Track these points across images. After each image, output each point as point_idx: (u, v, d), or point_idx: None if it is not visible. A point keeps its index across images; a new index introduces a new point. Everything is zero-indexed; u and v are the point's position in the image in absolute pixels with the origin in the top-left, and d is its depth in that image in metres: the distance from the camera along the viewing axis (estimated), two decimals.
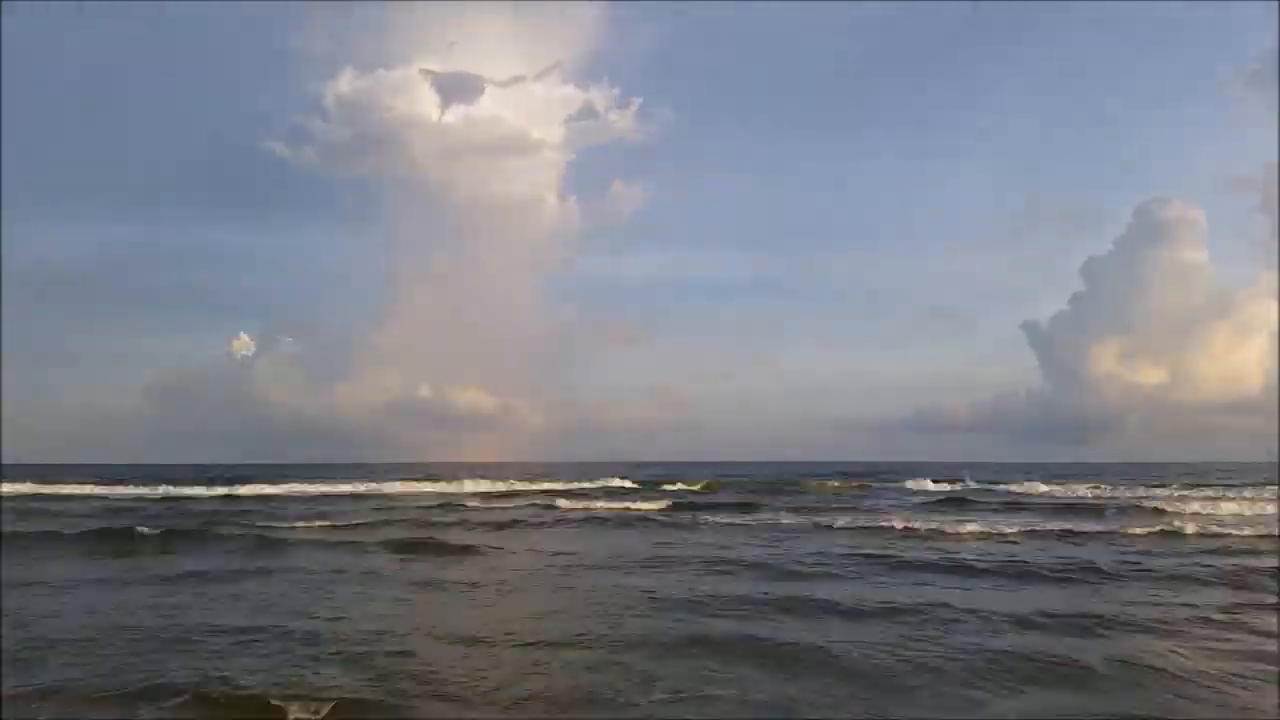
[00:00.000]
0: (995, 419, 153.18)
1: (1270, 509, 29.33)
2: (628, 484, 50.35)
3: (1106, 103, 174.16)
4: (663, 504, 34.52)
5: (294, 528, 24.34)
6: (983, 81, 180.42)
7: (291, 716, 7.24)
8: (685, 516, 28.76)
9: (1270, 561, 17.30)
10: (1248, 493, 39.48)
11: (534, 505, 34.74)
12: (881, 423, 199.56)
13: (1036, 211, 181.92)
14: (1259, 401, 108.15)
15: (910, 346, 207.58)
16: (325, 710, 7.36)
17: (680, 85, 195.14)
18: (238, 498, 40.46)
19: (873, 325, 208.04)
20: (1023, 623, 11.31)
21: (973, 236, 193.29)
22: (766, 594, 13.39)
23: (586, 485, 49.30)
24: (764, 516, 28.82)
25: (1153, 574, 15.72)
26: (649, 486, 48.18)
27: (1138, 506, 32.19)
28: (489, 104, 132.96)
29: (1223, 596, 13.46)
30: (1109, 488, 46.12)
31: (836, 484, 51.98)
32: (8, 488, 44.15)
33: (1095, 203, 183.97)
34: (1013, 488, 46.77)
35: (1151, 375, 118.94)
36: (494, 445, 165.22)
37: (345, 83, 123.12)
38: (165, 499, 40.03)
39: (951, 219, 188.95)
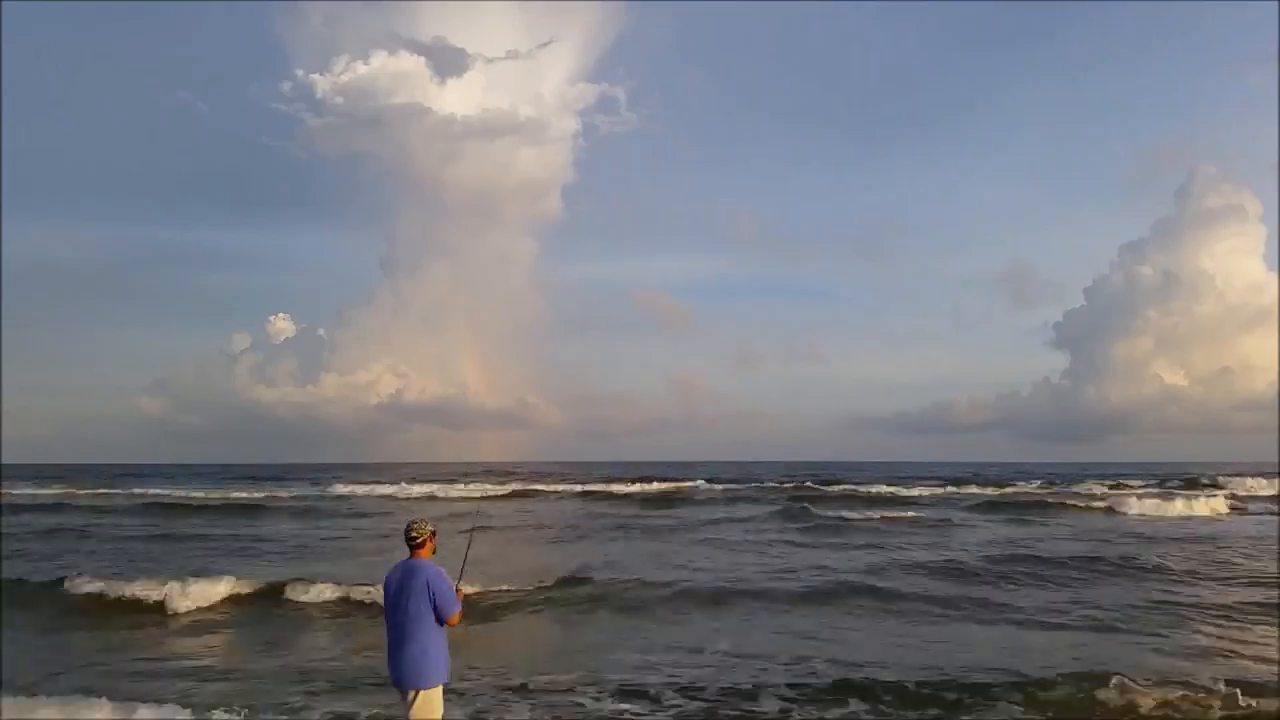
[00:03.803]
0: (1012, 418, 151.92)
1: None
2: None
3: (1113, 104, 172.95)
4: None
5: None
6: (1003, 78, 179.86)
7: None
8: None
9: None
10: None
11: None
12: (897, 422, 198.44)
13: (1059, 206, 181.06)
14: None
15: (924, 346, 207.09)
16: None
17: (692, 83, 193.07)
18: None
19: (887, 325, 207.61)
20: None
21: (991, 233, 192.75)
22: None
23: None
24: None
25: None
26: None
27: None
28: (490, 90, 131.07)
29: None
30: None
31: None
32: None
33: (1120, 197, 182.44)
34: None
35: (1177, 373, 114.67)
36: (514, 444, 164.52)
37: (340, 72, 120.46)
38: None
39: (968, 217, 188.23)
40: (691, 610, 13.23)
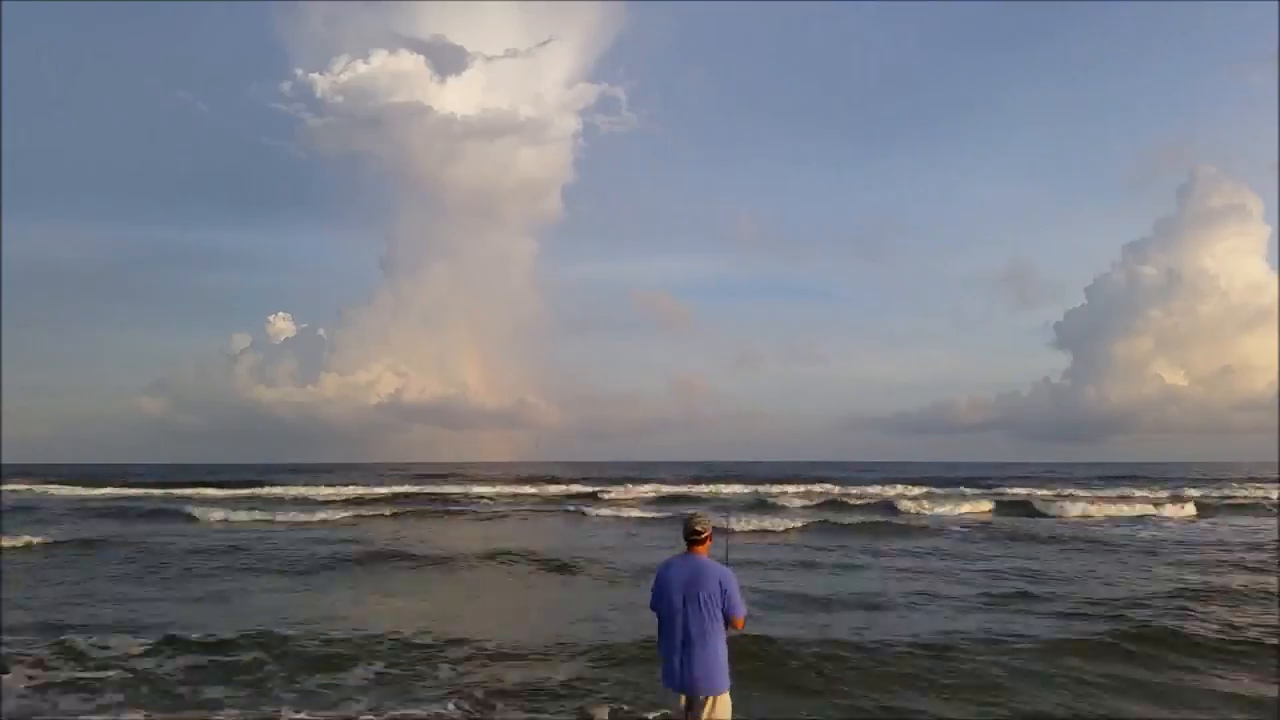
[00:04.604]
0: (1012, 418, 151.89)
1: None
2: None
3: (1110, 105, 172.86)
4: None
5: None
6: (1003, 78, 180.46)
7: None
8: None
9: None
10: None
11: None
12: (897, 422, 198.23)
13: (1059, 206, 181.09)
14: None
15: (924, 346, 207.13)
16: None
17: (692, 83, 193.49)
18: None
19: (887, 325, 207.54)
20: None
21: (991, 233, 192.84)
22: None
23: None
24: None
25: None
26: None
27: None
28: (490, 90, 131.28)
29: None
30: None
31: None
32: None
33: (1120, 197, 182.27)
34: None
35: (1177, 373, 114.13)
36: (512, 444, 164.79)
37: (340, 71, 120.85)
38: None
39: (968, 217, 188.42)
40: None
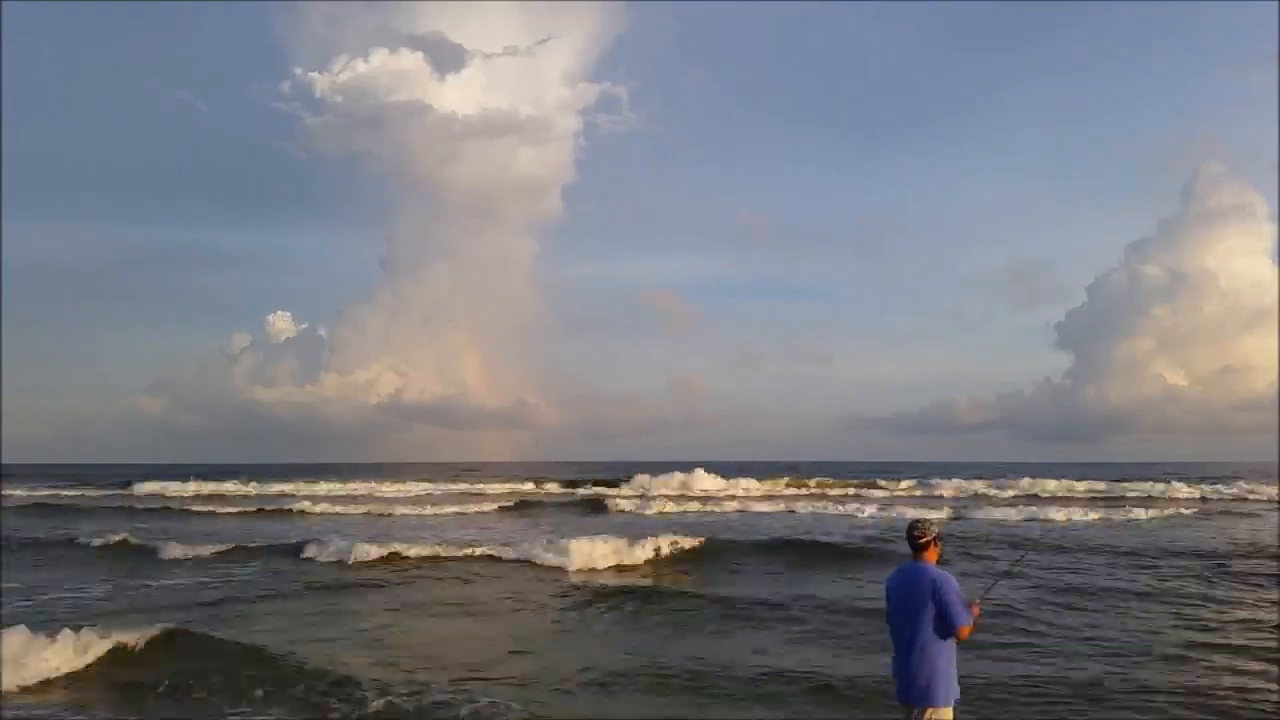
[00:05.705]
0: (1012, 418, 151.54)
1: None
2: None
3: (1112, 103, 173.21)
4: None
5: None
6: (1003, 78, 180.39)
7: None
8: None
9: None
10: None
11: None
12: (897, 422, 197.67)
13: (1059, 206, 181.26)
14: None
15: (924, 346, 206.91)
16: None
17: (692, 83, 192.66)
18: None
19: (887, 325, 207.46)
20: None
21: (991, 233, 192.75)
22: None
23: None
24: None
25: None
26: None
27: None
28: (490, 90, 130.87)
29: None
30: None
31: None
32: None
33: (1121, 197, 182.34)
34: None
35: (1178, 373, 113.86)
36: (512, 444, 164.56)
37: (339, 71, 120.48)
38: None
39: (968, 217, 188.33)
40: None
